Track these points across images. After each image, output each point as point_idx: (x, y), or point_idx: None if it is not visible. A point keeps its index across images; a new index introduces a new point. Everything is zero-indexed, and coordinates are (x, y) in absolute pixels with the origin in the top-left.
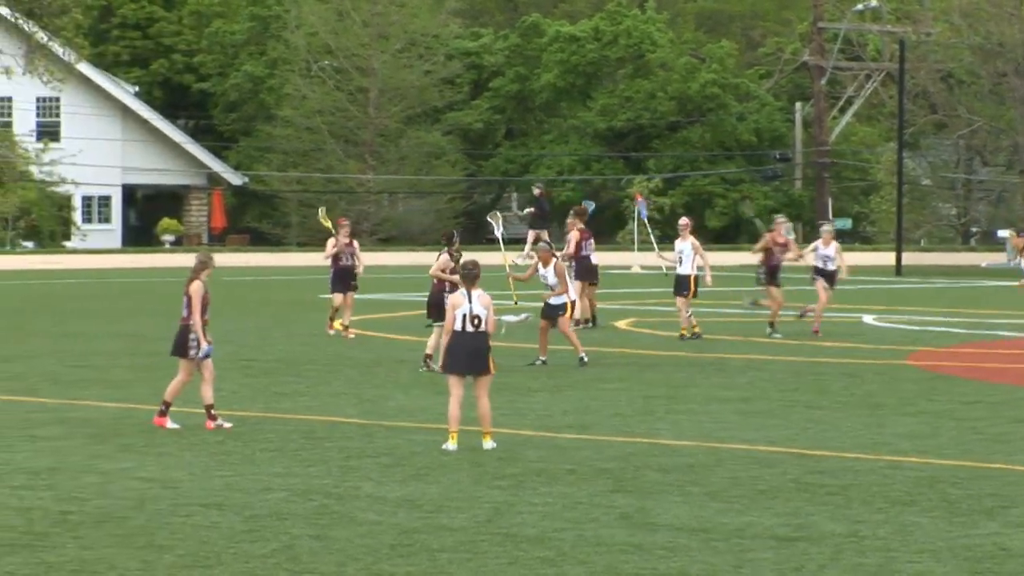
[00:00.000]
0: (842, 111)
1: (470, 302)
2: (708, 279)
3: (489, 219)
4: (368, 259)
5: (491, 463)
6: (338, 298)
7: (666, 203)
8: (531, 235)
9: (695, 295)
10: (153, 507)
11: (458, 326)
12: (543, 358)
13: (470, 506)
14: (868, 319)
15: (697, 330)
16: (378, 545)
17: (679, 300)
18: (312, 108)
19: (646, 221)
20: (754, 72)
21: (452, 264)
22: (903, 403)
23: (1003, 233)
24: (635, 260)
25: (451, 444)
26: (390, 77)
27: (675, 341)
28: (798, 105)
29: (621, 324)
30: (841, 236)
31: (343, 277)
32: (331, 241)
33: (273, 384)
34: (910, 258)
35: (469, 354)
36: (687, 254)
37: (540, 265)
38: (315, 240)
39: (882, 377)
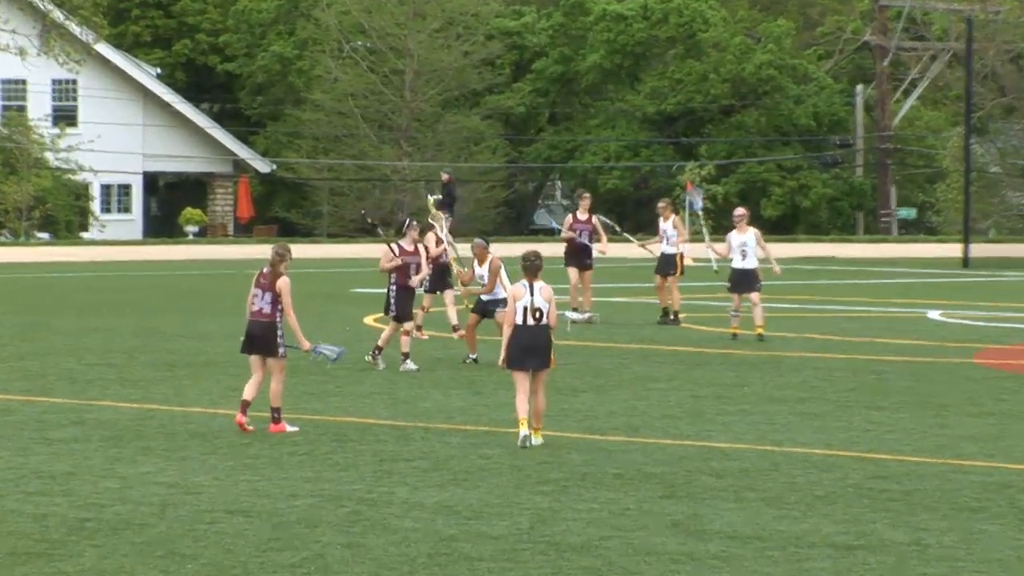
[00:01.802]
0: (906, 94)
1: (531, 294)
2: (776, 269)
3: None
4: None
5: (533, 467)
6: (428, 299)
7: (719, 191)
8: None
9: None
10: (175, 514)
11: (519, 319)
12: (473, 356)
13: (511, 513)
14: (933, 314)
15: (759, 331)
16: (414, 554)
17: (755, 296)
18: (344, 91)
19: (700, 212)
20: (812, 53)
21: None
22: (969, 403)
23: None
24: (687, 252)
25: (524, 429)
26: (426, 58)
27: (727, 339)
28: (859, 88)
29: (680, 321)
30: (905, 227)
31: (442, 275)
32: (432, 237)
33: (301, 383)
34: (978, 250)
35: (530, 348)
36: (751, 246)
37: (475, 263)
38: (347, 231)
39: (947, 376)
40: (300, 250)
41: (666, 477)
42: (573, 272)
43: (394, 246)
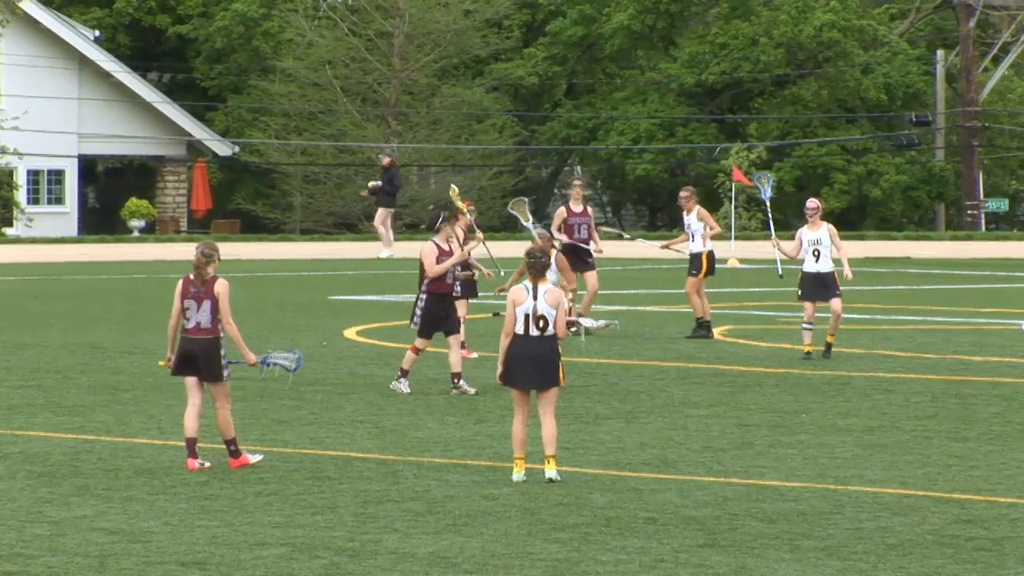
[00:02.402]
0: (995, 61)
1: (535, 299)
2: (848, 273)
3: (511, 210)
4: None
5: (548, 509)
6: (464, 305)
7: (771, 179)
8: (380, 214)
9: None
10: (117, 566)
11: (519, 328)
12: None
13: (521, 565)
14: None
15: (830, 339)
16: None
17: (835, 302)
18: (320, 58)
19: (767, 202)
20: (883, 12)
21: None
22: None
23: None
24: (732, 251)
25: (518, 473)
26: (420, 18)
27: (783, 356)
28: (939, 54)
29: (714, 333)
30: (996, 221)
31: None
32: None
33: (271, 409)
34: None
35: (532, 363)
36: (825, 244)
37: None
38: (324, 226)
39: None
40: (268, 249)
41: (707, 522)
42: (571, 275)
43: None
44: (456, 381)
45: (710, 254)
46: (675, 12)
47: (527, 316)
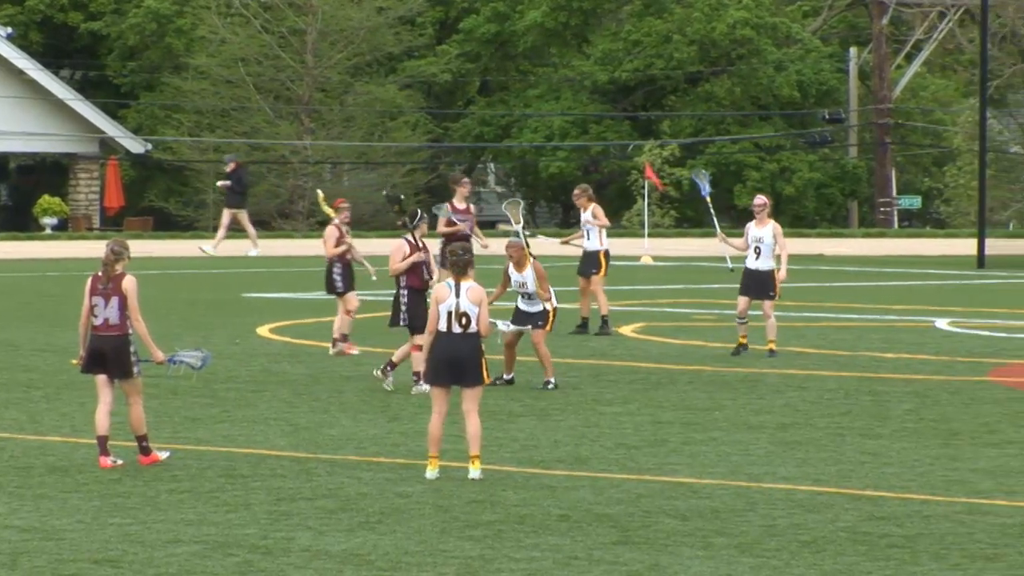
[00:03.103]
0: (908, 59)
1: (457, 296)
2: (782, 273)
3: (505, 211)
4: (304, 247)
5: (461, 507)
6: (354, 300)
7: (683, 176)
8: (226, 215)
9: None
10: (30, 564)
11: (442, 325)
12: (508, 376)
13: (434, 563)
14: (941, 323)
15: (770, 345)
16: None
17: (766, 304)
18: (233, 55)
19: (709, 198)
20: (796, 9)
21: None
22: (985, 430)
23: None
24: (645, 249)
25: (432, 471)
26: (332, 16)
27: (696, 353)
28: (852, 51)
29: (626, 330)
30: (908, 218)
31: (351, 273)
32: (332, 230)
33: (184, 407)
34: (995, 246)
35: (455, 361)
36: (767, 243)
37: (511, 266)
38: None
39: (958, 397)
40: (180, 247)
41: (621, 519)
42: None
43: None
44: (388, 368)
45: (606, 252)
46: (588, 9)
47: (450, 313)
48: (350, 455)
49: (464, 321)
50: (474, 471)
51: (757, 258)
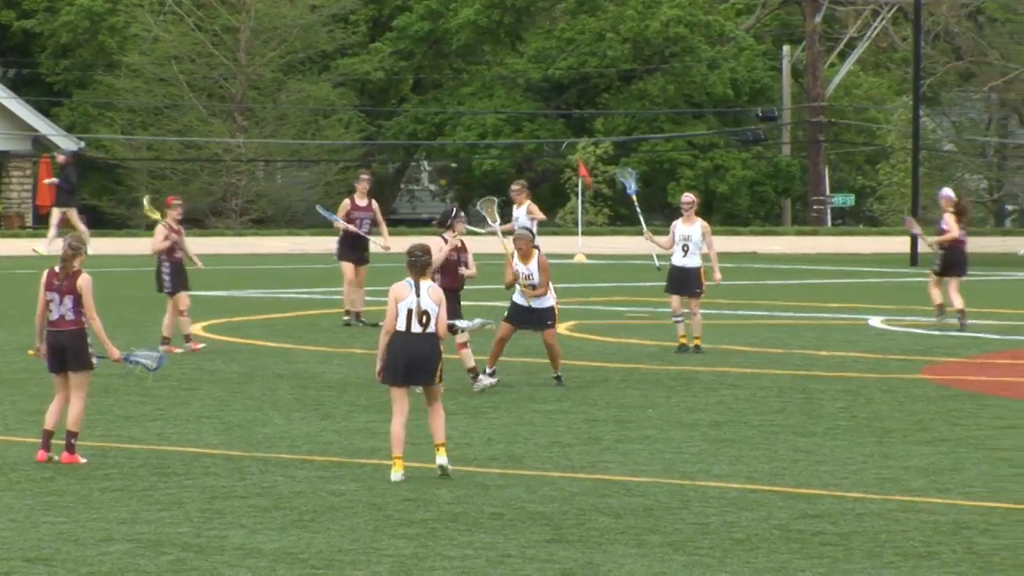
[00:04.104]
0: (842, 57)
1: (418, 295)
2: (717, 275)
3: (480, 210)
4: (237, 245)
5: (394, 505)
6: (185, 300)
7: (616, 173)
8: (56, 214)
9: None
10: None
11: (401, 325)
12: (490, 371)
13: (368, 561)
14: (874, 321)
15: (696, 342)
16: None
17: (692, 302)
18: (166, 54)
19: (634, 196)
20: (730, 7)
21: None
22: (918, 428)
23: None
24: (579, 247)
25: (397, 473)
26: (265, 13)
27: (629, 351)
28: (786, 49)
29: (560, 328)
30: (842, 216)
31: (182, 272)
32: (161, 229)
33: (116, 405)
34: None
35: (414, 360)
36: (695, 241)
37: (517, 258)
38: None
39: (891, 395)
40: (113, 245)
41: (554, 517)
42: (349, 268)
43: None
44: (474, 376)
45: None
46: (521, 7)
47: (409, 312)
48: (283, 453)
49: (424, 320)
50: (440, 457)
51: (685, 255)
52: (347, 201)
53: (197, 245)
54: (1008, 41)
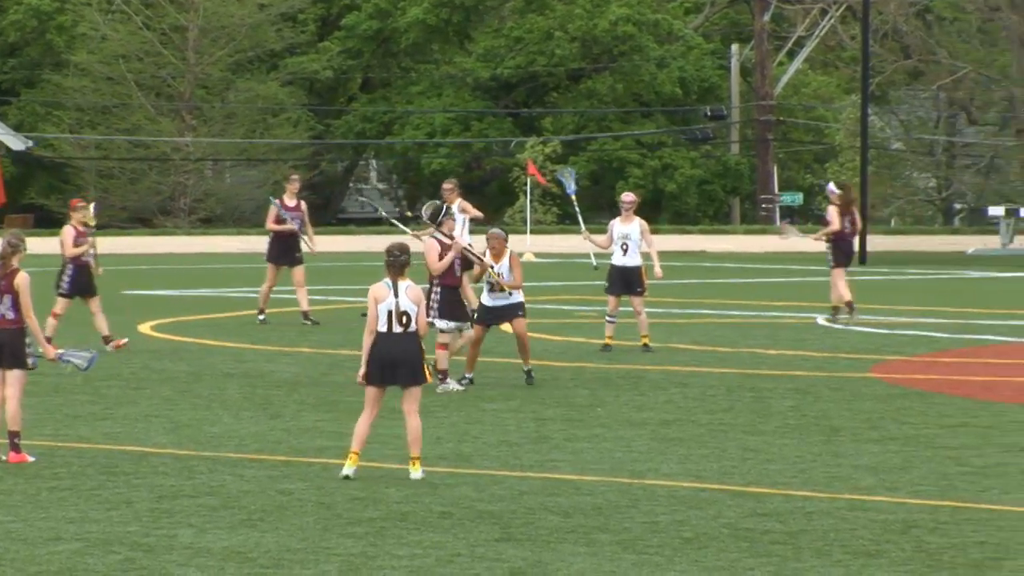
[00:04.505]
0: (790, 55)
1: (396, 295)
2: (657, 270)
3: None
4: (186, 244)
5: (343, 504)
6: (95, 303)
7: (574, 172)
8: None
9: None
10: None
11: (382, 326)
12: (469, 375)
13: (316, 560)
14: (823, 320)
15: (644, 340)
16: None
17: (636, 301)
18: (114, 52)
19: (574, 197)
20: (678, 6)
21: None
22: (867, 427)
23: (995, 210)
24: (528, 246)
25: (349, 468)
26: (214, 12)
27: (578, 350)
28: (734, 48)
29: (508, 328)
30: (790, 215)
31: (85, 275)
32: (69, 229)
33: (65, 405)
34: (877, 243)
35: (396, 360)
36: (634, 239)
37: (489, 257)
38: (118, 221)
39: (840, 394)
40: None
41: (503, 516)
42: (272, 269)
43: (434, 237)
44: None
45: (469, 246)
46: (470, 6)
47: (390, 313)
48: (232, 452)
49: (404, 320)
50: (415, 472)
51: (625, 255)
52: (277, 201)
53: (146, 244)
54: (956, 40)
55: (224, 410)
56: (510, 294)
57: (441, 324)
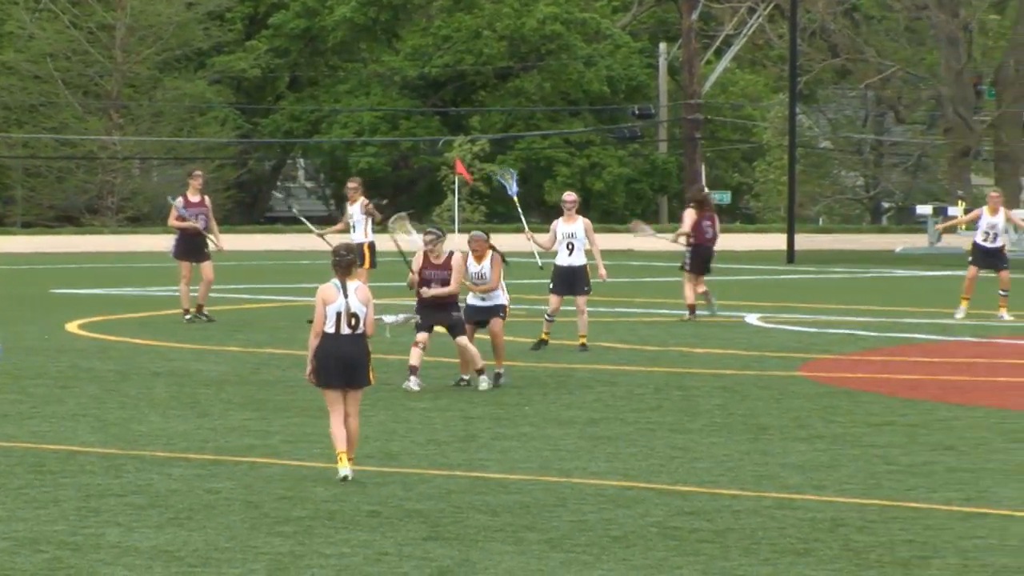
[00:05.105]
0: (718, 54)
1: (346, 296)
2: (602, 271)
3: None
4: (113, 243)
5: (271, 503)
6: None
7: (494, 172)
8: None
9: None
10: None
11: (330, 327)
12: (466, 377)
13: (244, 559)
14: (751, 318)
15: (582, 340)
16: None
17: (580, 300)
18: (41, 51)
19: (516, 198)
20: (606, 5)
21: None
22: (795, 425)
23: (923, 209)
24: (456, 244)
25: (345, 468)
26: (142, 11)
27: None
28: (662, 47)
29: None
30: (717, 213)
31: None
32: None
33: None
34: (805, 241)
35: (345, 362)
36: (580, 238)
37: (471, 259)
38: (45, 220)
39: (768, 392)
40: None
41: (431, 515)
42: (185, 266)
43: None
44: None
45: (371, 245)
46: (398, 5)
47: (339, 314)
48: (159, 451)
49: (353, 322)
50: (344, 469)
51: (570, 254)
52: (180, 199)
53: (73, 243)
54: (884, 38)
55: (152, 409)
56: (483, 299)
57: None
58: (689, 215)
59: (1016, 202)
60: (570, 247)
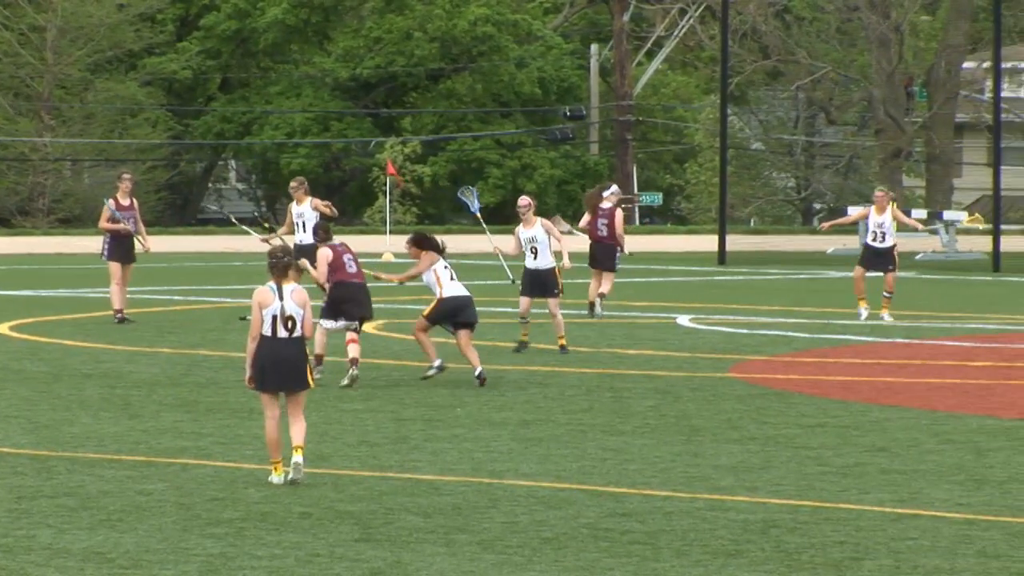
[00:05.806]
0: (650, 56)
1: (282, 299)
2: (566, 262)
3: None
4: (44, 245)
5: (203, 504)
6: None
7: (426, 173)
8: None
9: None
10: None
11: (267, 330)
12: (439, 362)
13: (176, 560)
14: (682, 320)
15: (561, 342)
16: None
17: (552, 302)
18: None
19: (479, 214)
20: (538, 6)
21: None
22: (726, 426)
23: (854, 210)
24: (387, 246)
25: (277, 476)
26: (73, 12)
27: (436, 349)
28: (594, 48)
29: (369, 327)
30: (650, 215)
31: None
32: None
33: None
34: (736, 242)
35: (282, 365)
36: (541, 241)
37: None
38: None
39: (700, 394)
40: None
41: (363, 516)
42: (116, 267)
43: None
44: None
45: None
46: (329, 6)
47: (275, 318)
48: (91, 453)
49: (290, 325)
50: (297, 456)
51: (536, 258)
52: (111, 201)
53: (4, 244)
54: (815, 40)
55: (83, 410)
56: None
57: (327, 324)
58: (585, 216)
59: (947, 203)
60: (534, 251)
